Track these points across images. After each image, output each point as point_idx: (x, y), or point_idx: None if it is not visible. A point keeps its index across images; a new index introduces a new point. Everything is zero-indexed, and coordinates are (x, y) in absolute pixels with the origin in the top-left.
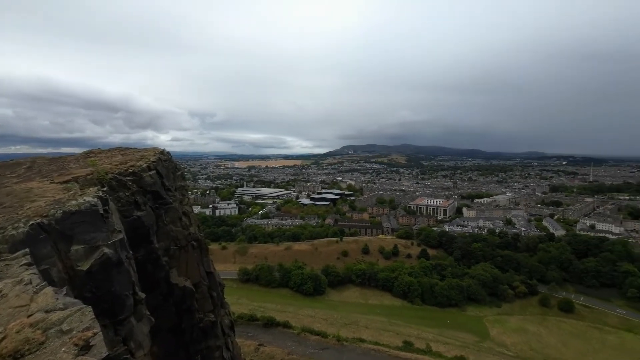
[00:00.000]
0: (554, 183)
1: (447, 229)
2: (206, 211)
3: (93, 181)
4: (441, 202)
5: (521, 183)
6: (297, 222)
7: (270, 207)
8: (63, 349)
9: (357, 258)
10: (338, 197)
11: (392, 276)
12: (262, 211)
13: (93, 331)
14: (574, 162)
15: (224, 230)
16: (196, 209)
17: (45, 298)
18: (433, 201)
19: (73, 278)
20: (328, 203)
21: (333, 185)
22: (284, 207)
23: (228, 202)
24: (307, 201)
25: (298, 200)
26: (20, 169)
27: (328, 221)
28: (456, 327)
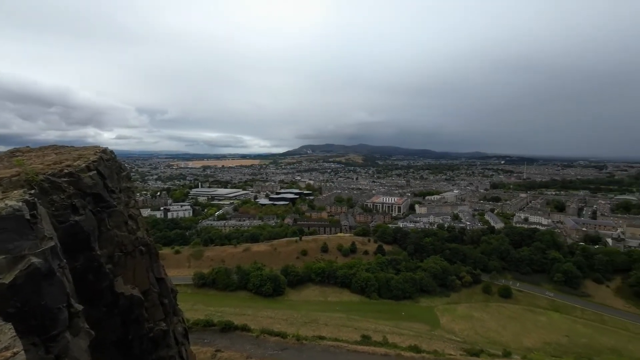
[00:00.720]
0: (494, 180)
1: (401, 225)
2: (157, 214)
3: (20, 183)
4: (396, 200)
5: (466, 181)
6: (256, 223)
7: (227, 208)
8: None
9: (317, 257)
10: (297, 197)
11: (351, 273)
12: (219, 212)
13: (13, 350)
14: (511, 162)
15: (177, 233)
16: (146, 212)
17: None
18: (388, 199)
19: None
20: (287, 203)
21: (292, 185)
22: (242, 208)
23: (181, 204)
24: (266, 201)
25: (256, 200)
26: None
27: (287, 221)
28: (410, 318)
